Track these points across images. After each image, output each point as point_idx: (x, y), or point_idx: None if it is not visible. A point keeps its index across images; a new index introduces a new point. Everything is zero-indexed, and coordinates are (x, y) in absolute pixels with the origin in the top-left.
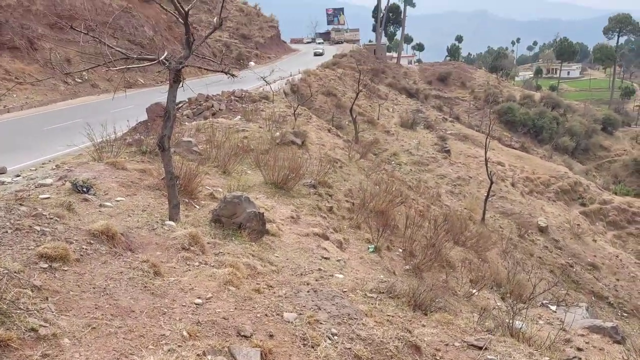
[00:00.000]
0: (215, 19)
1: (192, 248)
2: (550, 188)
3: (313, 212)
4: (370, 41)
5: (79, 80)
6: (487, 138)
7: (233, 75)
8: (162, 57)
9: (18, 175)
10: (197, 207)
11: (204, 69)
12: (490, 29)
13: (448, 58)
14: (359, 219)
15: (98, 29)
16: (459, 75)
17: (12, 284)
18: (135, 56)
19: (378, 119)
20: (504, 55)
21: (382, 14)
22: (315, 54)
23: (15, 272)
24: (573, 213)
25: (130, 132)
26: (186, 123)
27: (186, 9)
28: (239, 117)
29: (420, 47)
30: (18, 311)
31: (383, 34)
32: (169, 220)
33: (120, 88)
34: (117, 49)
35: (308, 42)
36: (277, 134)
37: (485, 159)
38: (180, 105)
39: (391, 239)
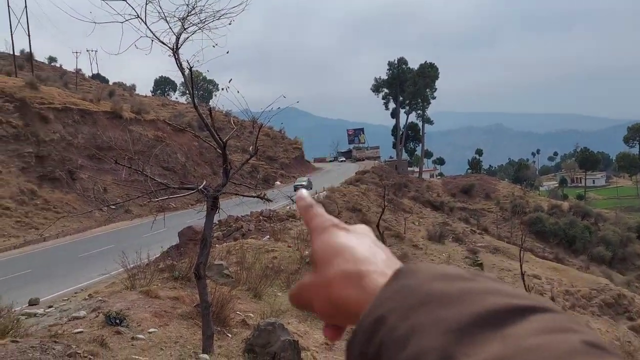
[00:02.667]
0: (250, 147)
1: None
2: (593, 302)
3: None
4: (390, 157)
5: (113, 207)
6: (520, 250)
7: (268, 200)
8: (201, 186)
9: (50, 307)
10: (229, 335)
11: (240, 194)
12: (508, 142)
13: (470, 171)
14: None
15: (138, 160)
16: (483, 186)
17: None
18: (175, 186)
19: (405, 233)
20: (526, 166)
21: (401, 132)
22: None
23: None
24: (621, 329)
25: (162, 256)
26: (216, 245)
27: (224, 140)
28: (268, 236)
29: (440, 161)
30: None
31: (403, 150)
32: (203, 352)
33: (154, 213)
34: (159, 180)
35: (331, 161)
36: (307, 252)
37: (522, 272)
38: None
39: None
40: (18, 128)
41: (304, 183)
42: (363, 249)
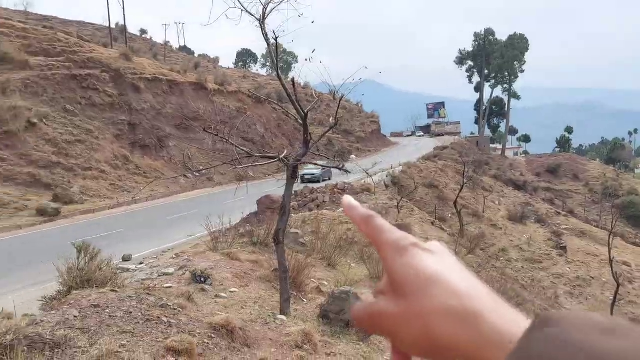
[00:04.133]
0: (330, 119)
1: (305, 346)
2: None
3: None
4: (472, 133)
5: (197, 174)
6: (610, 235)
7: (347, 172)
8: (282, 156)
9: (141, 263)
10: (305, 300)
11: (319, 165)
12: (601, 120)
13: (558, 149)
14: None
15: (223, 129)
16: (571, 167)
17: None
18: (258, 154)
19: (484, 212)
20: (621, 146)
21: (485, 107)
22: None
23: None
24: None
25: (242, 222)
26: (292, 215)
27: (305, 111)
28: (342, 209)
29: (526, 139)
30: None
31: (486, 126)
32: (280, 313)
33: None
34: (243, 148)
35: (408, 135)
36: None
37: (610, 258)
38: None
39: None
40: (113, 97)
41: (315, 172)
42: (459, 279)
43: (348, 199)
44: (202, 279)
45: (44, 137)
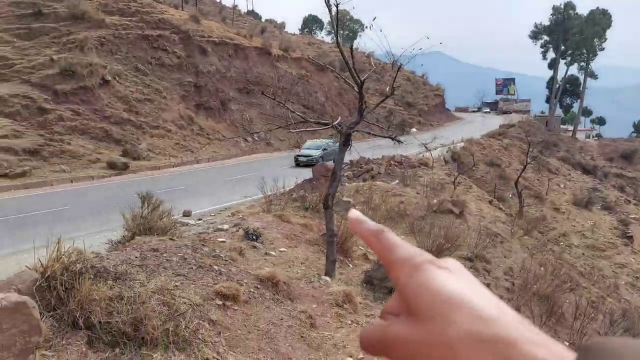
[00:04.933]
0: (387, 88)
1: (345, 306)
2: None
3: None
4: (542, 112)
5: (257, 139)
6: None
7: (399, 142)
8: (336, 122)
9: (200, 219)
10: (351, 265)
11: (372, 134)
12: None
13: (634, 134)
14: (519, 301)
15: (281, 94)
16: None
17: (194, 316)
18: (312, 120)
19: (547, 195)
20: None
21: (558, 85)
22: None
23: (197, 305)
24: None
25: (296, 188)
26: (346, 184)
27: (362, 79)
28: (397, 181)
29: (600, 121)
30: (197, 341)
31: (558, 106)
32: (325, 275)
33: (292, 147)
34: (298, 113)
35: (473, 111)
36: (435, 201)
37: None
38: (343, 167)
39: (556, 329)
40: (181, 59)
41: (313, 154)
42: (484, 301)
43: (355, 213)
44: (254, 237)
45: (116, 95)
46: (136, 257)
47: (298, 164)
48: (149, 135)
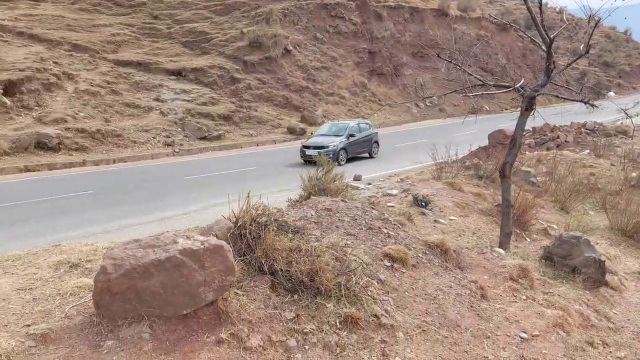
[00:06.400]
0: (581, 46)
1: (520, 280)
2: None
3: None
4: None
5: (429, 105)
6: None
7: (593, 106)
8: (518, 85)
9: (369, 184)
10: (528, 240)
11: (560, 97)
12: None
13: None
14: None
15: (458, 57)
16: None
17: (364, 273)
18: (491, 83)
19: None
20: None
21: None
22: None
23: (366, 264)
24: None
25: (469, 155)
26: (526, 152)
27: (551, 37)
28: (587, 151)
29: None
30: (366, 297)
31: None
32: (498, 247)
33: (466, 113)
34: (475, 76)
35: None
36: (634, 174)
37: None
38: (524, 134)
39: None
40: (357, 25)
41: (330, 144)
42: None
43: None
44: (423, 204)
45: (296, 64)
46: (312, 215)
47: (306, 159)
48: (324, 102)
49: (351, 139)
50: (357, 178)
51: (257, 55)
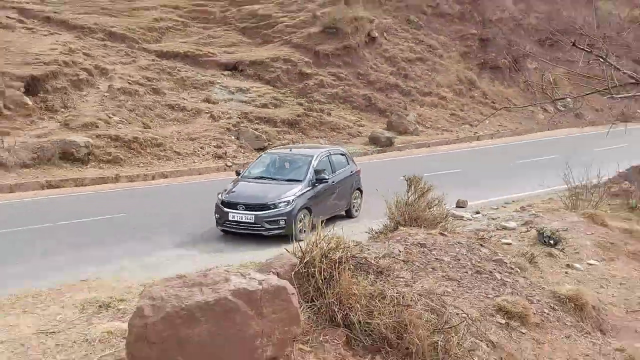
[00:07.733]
0: None
1: None
2: None
3: None
4: None
5: (562, 109)
6: None
7: None
8: None
9: (477, 212)
10: None
11: None
12: None
13: None
14: None
15: (602, 46)
16: None
17: (469, 332)
18: None
19: None
20: None
21: None
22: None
23: (472, 319)
24: None
25: (617, 178)
26: None
27: None
28: None
29: None
30: None
31: None
32: None
33: (612, 120)
34: (626, 71)
35: None
36: None
37: None
38: None
39: None
40: (464, 4)
41: (278, 202)
42: None
43: None
44: (552, 242)
45: (382, 54)
46: (400, 252)
47: (227, 229)
48: (419, 103)
49: (319, 186)
50: (460, 204)
51: (333, 45)
